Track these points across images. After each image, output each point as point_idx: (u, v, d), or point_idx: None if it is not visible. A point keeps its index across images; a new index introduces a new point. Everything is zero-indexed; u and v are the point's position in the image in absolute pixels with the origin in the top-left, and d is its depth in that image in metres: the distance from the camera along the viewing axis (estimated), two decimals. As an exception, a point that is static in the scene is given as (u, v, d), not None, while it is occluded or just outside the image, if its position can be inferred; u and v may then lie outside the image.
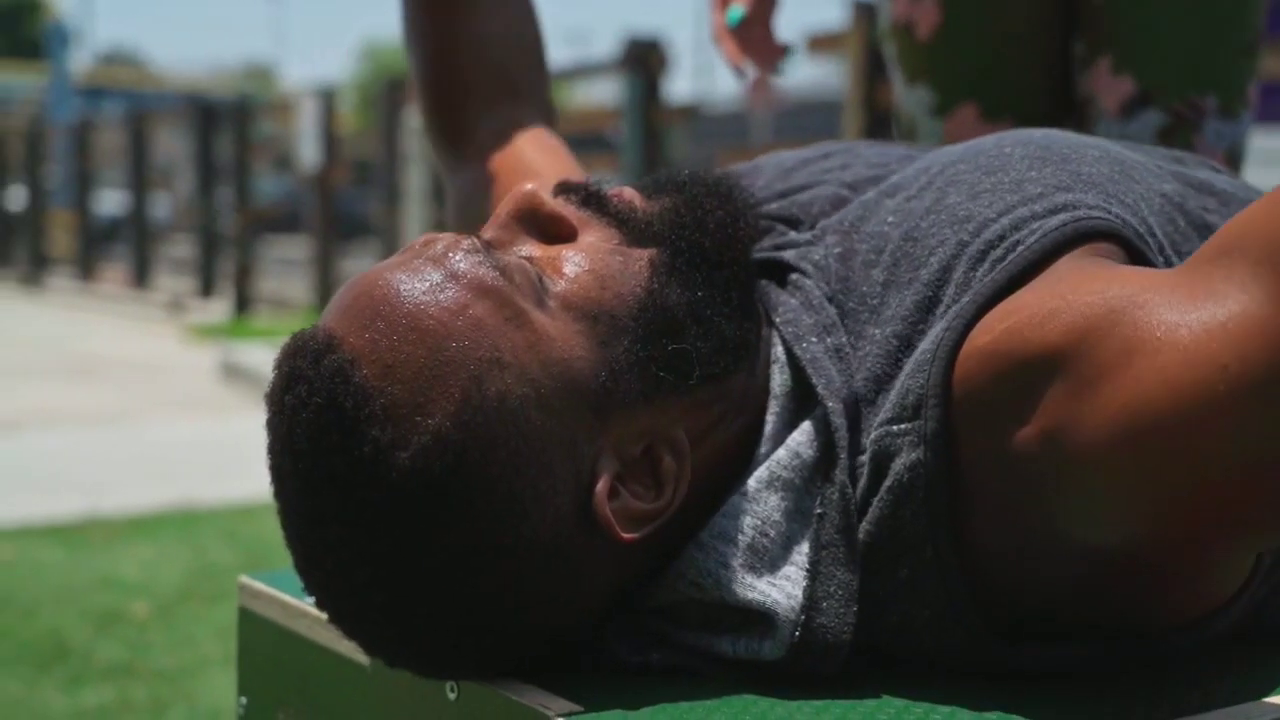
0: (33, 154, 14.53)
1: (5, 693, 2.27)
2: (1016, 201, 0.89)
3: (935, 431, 0.81)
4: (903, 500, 0.82)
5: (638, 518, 0.82)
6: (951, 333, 0.82)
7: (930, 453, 0.81)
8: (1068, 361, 0.77)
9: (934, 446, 0.81)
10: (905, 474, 0.82)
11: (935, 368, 0.82)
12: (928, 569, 0.82)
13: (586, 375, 0.82)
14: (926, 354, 0.83)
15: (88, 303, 12.03)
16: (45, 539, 3.38)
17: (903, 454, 0.82)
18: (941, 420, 0.81)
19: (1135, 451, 0.75)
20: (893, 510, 0.82)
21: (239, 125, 10.57)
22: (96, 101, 26.80)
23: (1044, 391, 0.78)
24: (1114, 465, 0.76)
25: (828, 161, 1.05)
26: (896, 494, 0.82)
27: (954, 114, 1.48)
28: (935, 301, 0.86)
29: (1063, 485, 0.78)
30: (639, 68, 6.65)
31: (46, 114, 20.33)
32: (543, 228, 0.88)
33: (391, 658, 0.84)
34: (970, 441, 0.81)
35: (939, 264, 0.88)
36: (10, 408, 5.73)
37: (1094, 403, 0.76)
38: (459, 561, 0.78)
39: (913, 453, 0.81)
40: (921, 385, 0.82)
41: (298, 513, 0.81)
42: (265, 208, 11.07)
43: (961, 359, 0.81)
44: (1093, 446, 0.76)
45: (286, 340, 0.83)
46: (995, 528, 0.81)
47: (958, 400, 0.81)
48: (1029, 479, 0.79)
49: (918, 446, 0.81)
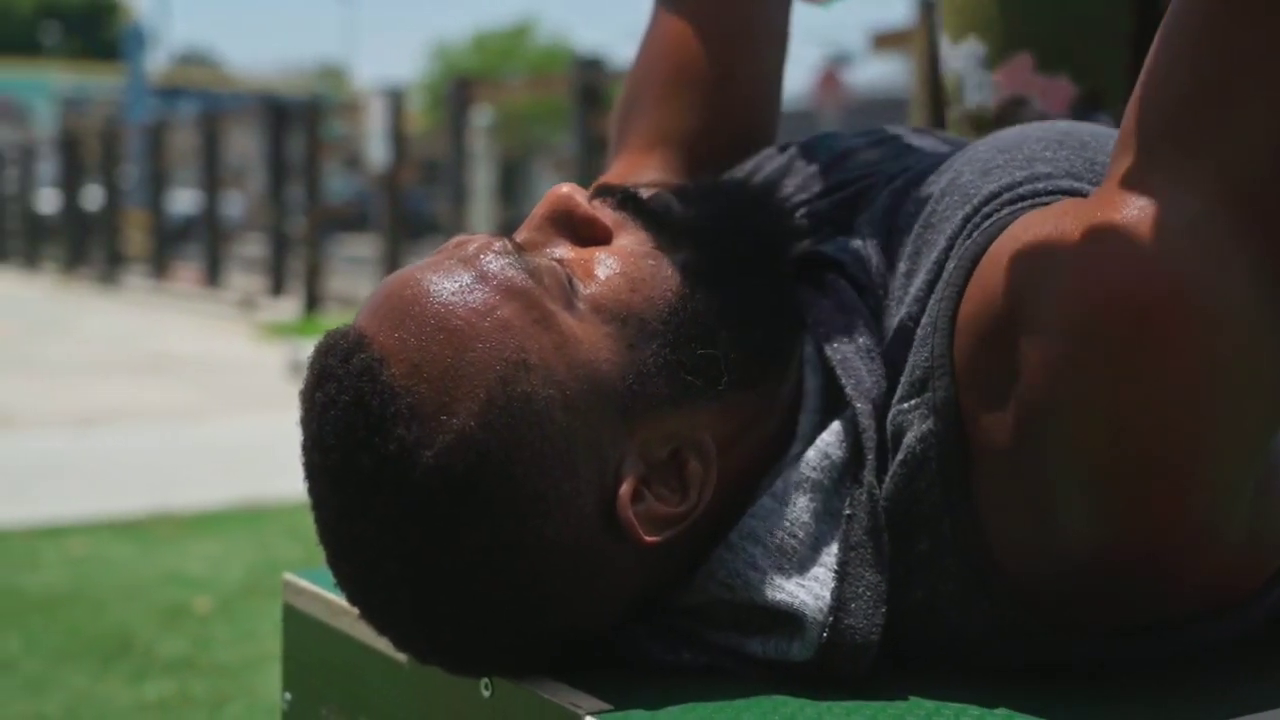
0: (108, 154, 14.75)
1: (71, 686, 2.31)
2: (1024, 178, 0.88)
3: (944, 400, 0.81)
4: (916, 473, 0.82)
5: (661, 521, 0.83)
6: (946, 302, 0.83)
7: (940, 423, 0.81)
8: (1031, 300, 0.78)
9: (943, 416, 0.81)
10: (916, 446, 0.82)
11: (936, 339, 0.82)
12: (946, 541, 0.82)
13: (613, 378, 0.82)
14: (926, 328, 0.84)
15: (161, 301, 12.20)
16: (115, 535, 3.44)
17: (914, 427, 0.82)
18: (949, 388, 0.81)
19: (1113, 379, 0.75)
20: (907, 484, 0.82)
21: (309, 125, 10.68)
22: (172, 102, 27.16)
23: (1017, 338, 0.78)
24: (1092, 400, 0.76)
25: (876, 152, 1.04)
26: (910, 467, 0.82)
27: (1007, 63, 1.38)
28: (940, 280, 0.87)
29: (1048, 441, 0.78)
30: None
31: (123, 115, 20.63)
32: (577, 230, 0.89)
33: (420, 654, 0.85)
34: (974, 409, 0.80)
35: (945, 243, 0.88)
36: (84, 405, 5.82)
37: (1061, 338, 0.76)
38: (482, 560, 0.79)
39: (923, 424, 0.82)
40: (926, 359, 0.82)
41: (327, 508, 0.82)
42: (335, 207, 11.16)
43: (958, 331, 0.82)
44: (1064, 384, 0.76)
45: (321, 337, 0.84)
46: (1009, 496, 0.80)
47: (959, 369, 0.81)
48: (1026, 440, 0.79)
49: (927, 418, 0.82)
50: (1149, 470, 0.76)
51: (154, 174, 14.00)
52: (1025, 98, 1.39)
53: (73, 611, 2.73)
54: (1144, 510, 0.77)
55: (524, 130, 17.91)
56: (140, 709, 2.24)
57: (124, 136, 15.39)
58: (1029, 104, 1.39)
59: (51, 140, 17.72)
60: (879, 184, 0.99)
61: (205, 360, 7.53)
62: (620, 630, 0.86)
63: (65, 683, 2.32)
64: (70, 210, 15.92)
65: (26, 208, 17.87)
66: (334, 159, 12.60)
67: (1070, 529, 0.79)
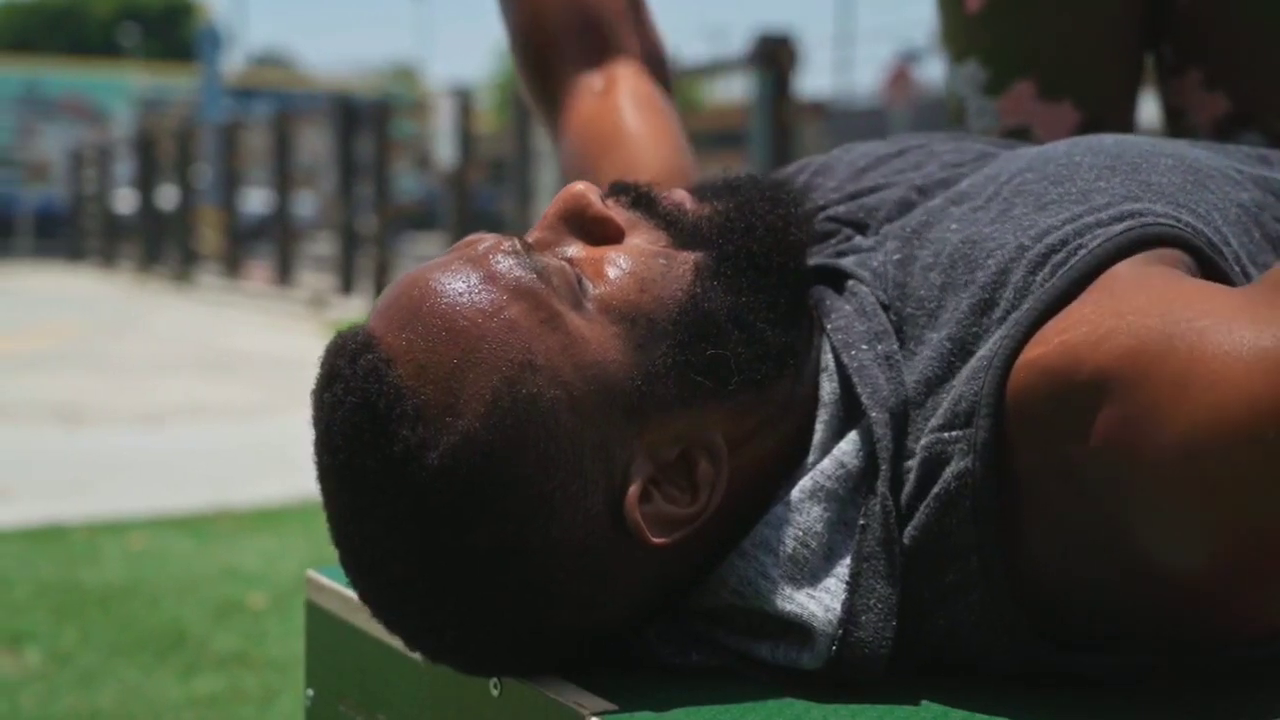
0: (183, 154, 14.95)
1: (124, 680, 2.34)
2: (1082, 211, 0.87)
3: (985, 441, 0.80)
4: (949, 509, 0.81)
5: (670, 522, 0.82)
6: (1009, 340, 0.81)
7: (979, 462, 0.80)
8: (1122, 387, 0.76)
9: (983, 457, 0.80)
10: (953, 482, 0.81)
11: (990, 376, 0.80)
12: (973, 577, 0.81)
13: (621, 379, 0.82)
14: (984, 361, 0.82)
15: (233, 299, 12.34)
16: (175, 530, 3.48)
17: (953, 462, 0.81)
18: (992, 430, 0.80)
19: (1185, 488, 0.74)
20: (938, 518, 0.81)
21: (379, 125, 10.76)
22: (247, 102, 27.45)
23: (1096, 415, 0.76)
24: (1163, 500, 0.75)
25: (901, 160, 1.03)
26: (943, 501, 0.81)
27: (1008, 91, 1.37)
28: (991, 304, 0.85)
29: (1113, 511, 0.77)
30: (769, 64, 6.63)
31: (198, 115, 20.89)
32: (589, 229, 0.88)
33: (430, 653, 0.85)
34: (1021, 454, 0.79)
35: (996, 266, 0.86)
36: (154, 402, 5.90)
37: (1148, 433, 0.74)
38: (489, 561, 0.79)
39: (962, 461, 0.80)
40: (975, 393, 0.81)
41: (337, 508, 0.83)
42: (404, 206, 11.25)
43: (1017, 369, 0.80)
44: (1144, 479, 0.75)
45: (332, 337, 0.85)
46: (1043, 539, 0.80)
47: (1011, 411, 0.80)
48: (1079, 499, 0.78)
49: (967, 455, 0.80)
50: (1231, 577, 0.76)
51: (227, 174, 14.17)
52: (1026, 126, 1.38)
53: (129, 605, 2.77)
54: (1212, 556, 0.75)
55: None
56: (191, 703, 2.27)
57: (198, 137, 15.59)
58: (1030, 132, 1.37)
59: (128, 141, 17.98)
60: (903, 190, 0.98)
61: (274, 358, 7.61)
62: (630, 631, 0.85)
63: (118, 676, 2.35)
64: (146, 209, 16.14)
65: (104, 207, 18.15)
66: (405, 158, 12.68)
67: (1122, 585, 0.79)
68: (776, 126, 6.66)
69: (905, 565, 0.82)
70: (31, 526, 3.48)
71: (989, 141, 1.08)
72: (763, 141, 6.66)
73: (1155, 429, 0.74)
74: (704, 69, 8.73)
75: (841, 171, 1.04)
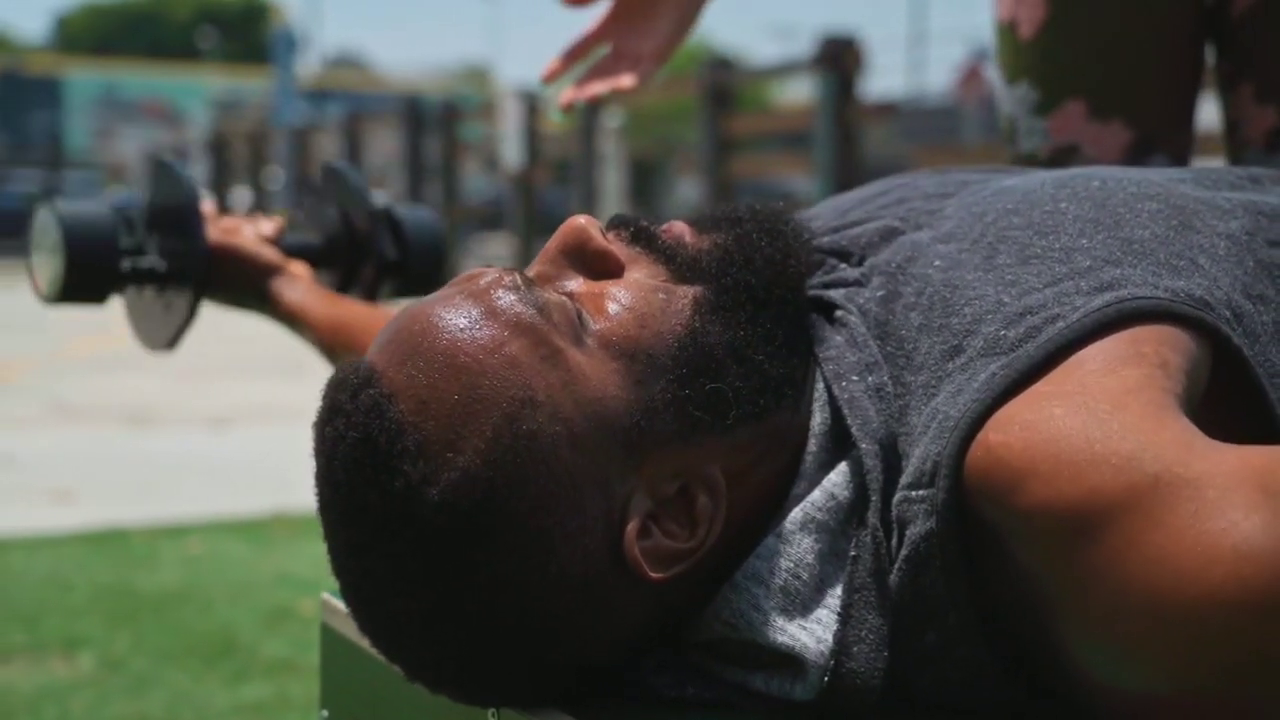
0: (256, 156, 15.13)
1: (172, 685, 2.38)
2: (1064, 274, 0.87)
3: (946, 503, 0.79)
4: (920, 570, 0.81)
5: (669, 557, 0.83)
6: (976, 405, 0.80)
7: (941, 523, 0.80)
8: (1081, 527, 0.75)
9: (945, 517, 0.79)
10: (921, 544, 0.80)
11: (951, 439, 0.80)
12: (954, 635, 0.81)
13: (620, 414, 0.82)
14: (950, 421, 0.81)
15: (304, 300, 12.45)
16: (232, 534, 3.52)
17: (917, 522, 0.81)
18: (951, 492, 0.79)
19: (1130, 652, 0.73)
20: (912, 579, 0.81)
21: (447, 127, 10.84)
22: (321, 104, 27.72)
23: (1050, 544, 0.76)
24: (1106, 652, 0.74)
25: (885, 198, 1.03)
26: (914, 563, 0.81)
27: (1059, 111, 1.38)
28: (958, 351, 0.85)
29: (1052, 626, 0.77)
30: (834, 66, 6.61)
31: (272, 117, 21.12)
32: (589, 263, 0.89)
33: (429, 684, 0.86)
34: (979, 528, 0.79)
35: (972, 315, 0.86)
36: (222, 404, 5.97)
37: (1099, 581, 0.74)
38: (488, 595, 0.80)
39: (926, 522, 0.80)
40: (939, 453, 0.80)
41: (337, 542, 0.84)
42: (471, 206, 11.32)
43: (977, 445, 0.79)
44: (1088, 626, 0.75)
45: (334, 371, 0.86)
46: (1007, 599, 0.80)
47: (969, 486, 0.79)
48: (1029, 601, 0.78)
49: (930, 516, 0.80)
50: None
51: (299, 176, 14.32)
52: (1076, 145, 1.39)
53: (182, 611, 2.81)
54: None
55: (661, 130, 17.94)
56: (237, 710, 2.30)
57: (271, 139, 15.76)
58: (1079, 151, 1.38)
59: (202, 143, 18.21)
60: (884, 218, 0.98)
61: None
62: (627, 663, 0.86)
63: (168, 682, 2.39)
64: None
65: (179, 208, 18.36)
66: (474, 160, 12.77)
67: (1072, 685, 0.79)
68: (841, 128, 6.64)
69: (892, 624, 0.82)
70: (92, 530, 3.54)
71: (973, 170, 1.08)
72: (827, 143, 6.64)
73: (1109, 581, 0.73)
74: (769, 71, 8.72)
75: (827, 214, 1.05)
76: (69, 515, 3.71)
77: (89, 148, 29.79)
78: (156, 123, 29.60)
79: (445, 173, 10.73)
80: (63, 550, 3.32)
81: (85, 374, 6.93)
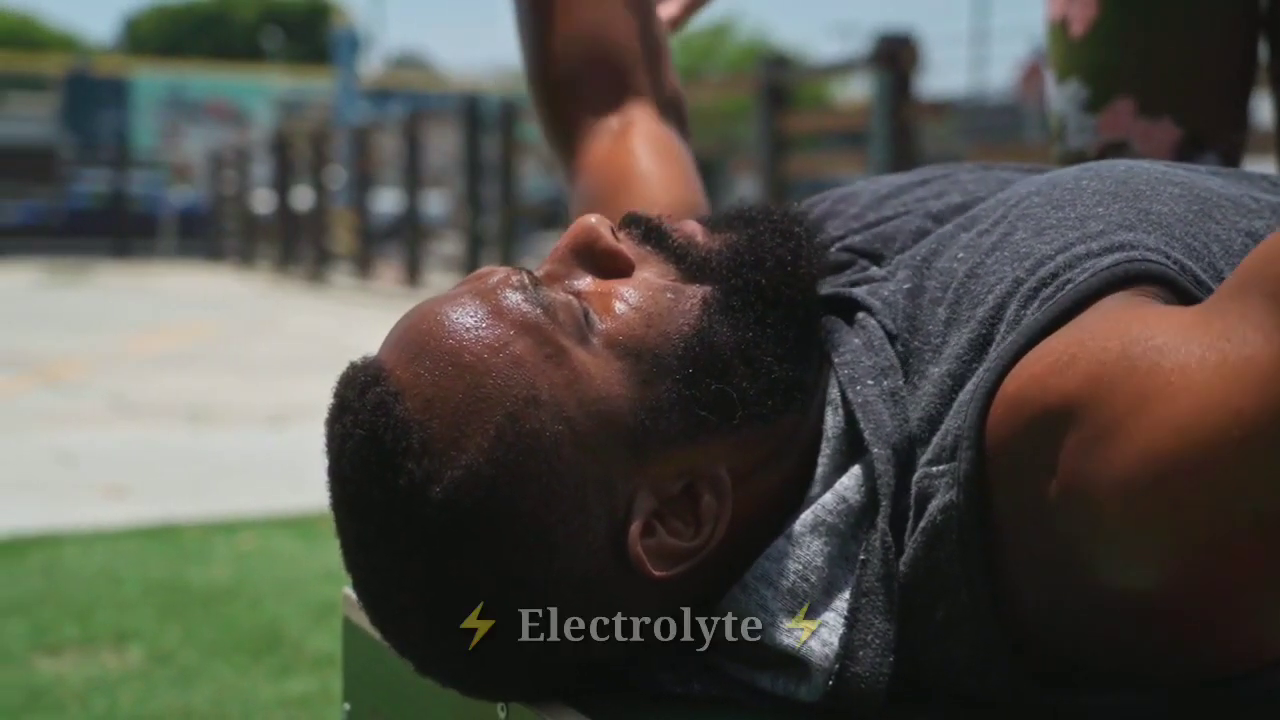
0: (317, 156, 15.24)
1: (218, 679, 2.41)
2: (1076, 239, 0.87)
3: (968, 474, 0.80)
4: (936, 543, 0.81)
5: (672, 555, 0.83)
6: (990, 374, 0.81)
7: (963, 495, 0.80)
8: (1084, 410, 0.76)
9: (966, 489, 0.80)
10: (939, 516, 0.81)
11: (971, 409, 0.81)
12: (964, 612, 0.81)
13: (625, 414, 0.83)
14: (967, 394, 0.82)
15: (364, 299, 12.56)
16: (283, 530, 3.56)
17: (938, 495, 0.81)
18: (974, 463, 0.80)
19: (1151, 502, 0.73)
20: (926, 552, 0.82)
21: (504, 126, 10.88)
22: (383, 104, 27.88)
23: (1062, 441, 0.76)
24: (1131, 517, 0.74)
25: (924, 189, 1.03)
26: (930, 536, 0.81)
27: (1109, 108, 1.39)
28: (989, 340, 0.85)
29: (1084, 536, 0.76)
30: (889, 64, 6.58)
31: (334, 117, 21.28)
32: (599, 262, 0.89)
33: (438, 679, 0.87)
34: (1001, 487, 0.80)
35: (995, 301, 0.86)
36: (280, 402, 6.02)
37: (1110, 453, 0.74)
38: (493, 593, 0.81)
39: (947, 494, 0.81)
40: (959, 427, 0.81)
41: (346, 536, 0.85)
42: (528, 206, 11.36)
43: (995, 403, 0.80)
44: (1110, 498, 0.74)
45: (345, 368, 0.87)
46: (1029, 573, 0.80)
47: (990, 445, 0.80)
48: (1054, 530, 0.78)
49: (952, 488, 0.81)
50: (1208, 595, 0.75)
51: (359, 175, 14.42)
52: (1125, 141, 1.39)
53: (231, 606, 2.84)
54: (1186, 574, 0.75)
55: (718, 129, 17.93)
56: (283, 704, 2.33)
57: (332, 139, 15.88)
58: (1129, 147, 1.38)
59: (265, 143, 18.38)
60: (918, 219, 0.98)
61: (397, 358, 7.69)
62: (633, 659, 0.87)
63: (215, 675, 2.42)
64: (282, 210, 16.49)
65: (243, 208, 18.58)
66: (532, 158, 12.81)
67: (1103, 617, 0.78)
68: (897, 126, 6.61)
69: (901, 601, 0.83)
70: (146, 525, 3.59)
71: (1014, 168, 1.07)
72: (882, 141, 6.62)
73: (1118, 446, 0.74)
74: (826, 69, 8.69)
75: (864, 198, 1.04)
76: (123, 511, 3.76)
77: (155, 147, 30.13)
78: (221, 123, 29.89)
79: (503, 171, 10.76)
80: (117, 545, 3.37)
81: (146, 372, 7.02)
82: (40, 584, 3.01)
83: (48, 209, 24.46)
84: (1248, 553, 0.72)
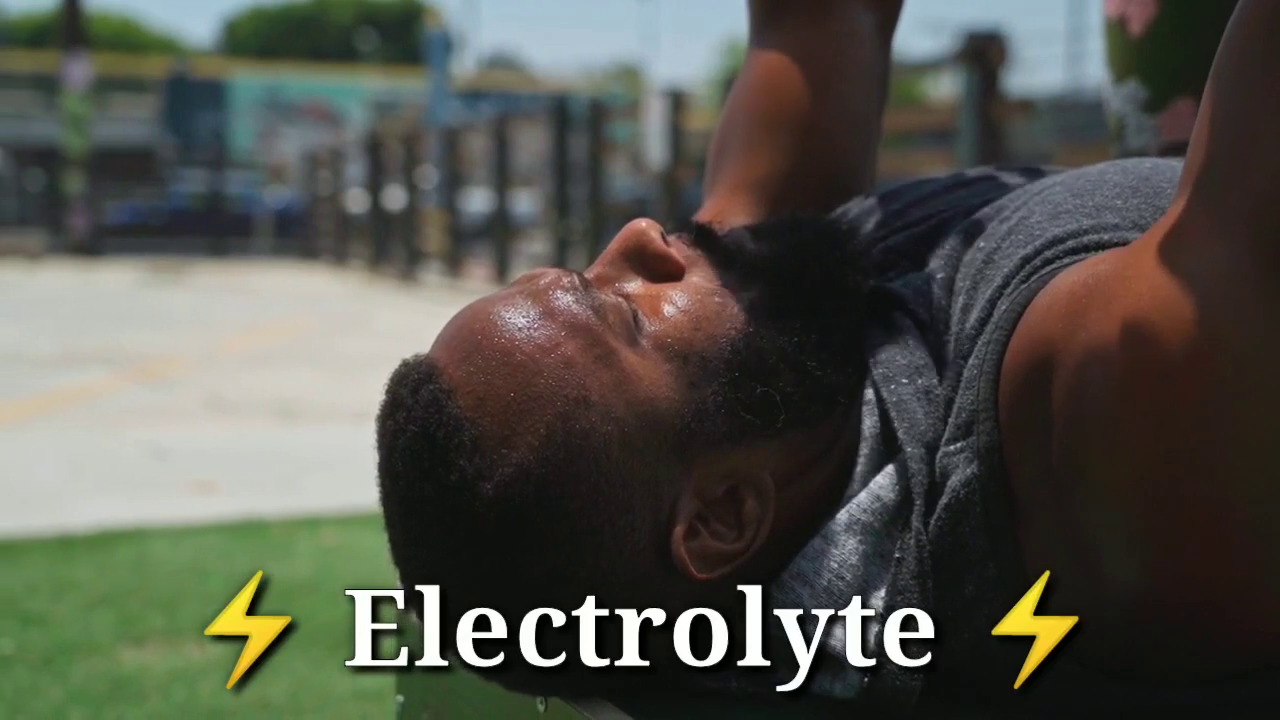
0: (409, 156, 15.39)
1: (294, 672, 2.44)
2: (1089, 227, 0.87)
3: (986, 445, 0.81)
4: (960, 517, 0.82)
5: (715, 558, 0.84)
6: (994, 345, 0.83)
7: (983, 468, 0.81)
8: (1065, 350, 0.78)
9: (986, 461, 0.81)
10: (961, 490, 0.82)
11: (982, 383, 0.82)
12: (993, 586, 0.82)
13: (671, 416, 0.84)
14: (974, 369, 0.84)
15: (454, 298, 12.66)
16: (365, 526, 3.59)
17: (958, 471, 0.82)
18: (992, 434, 0.81)
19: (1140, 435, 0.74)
20: (952, 527, 0.83)
21: (593, 126, 10.92)
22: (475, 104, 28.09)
23: (1051, 389, 0.78)
24: (1121, 456, 0.75)
25: (968, 190, 1.03)
26: (954, 511, 0.82)
27: (1169, 108, 1.37)
28: (990, 319, 0.87)
29: (1083, 491, 0.77)
30: (977, 61, 6.53)
31: (427, 118, 21.47)
32: (649, 266, 0.91)
33: (480, 672, 0.89)
34: (1017, 455, 0.80)
35: (1001, 280, 0.88)
36: (368, 399, 6.07)
37: (1089, 392, 0.76)
38: (538, 589, 0.83)
39: (967, 469, 0.82)
40: (972, 402, 0.83)
41: (396, 532, 0.87)
42: (615, 205, 11.39)
43: (1002, 375, 0.82)
44: (1095, 439, 0.76)
45: (398, 365, 0.89)
46: (1052, 541, 0.80)
47: (1003, 415, 0.81)
48: (1064, 489, 0.78)
49: (971, 462, 0.82)
50: (1187, 519, 0.75)
51: (450, 175, 14.55)
52: (1186, 142, 1.37)
53: (310, 600, 2.88)
54: (1184, 558, 0.76)
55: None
56: (357, 697, 2.36)
57: (424, 139, 16.02)
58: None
59: (359, 143, 18.60)
60: (957, 217, 0.98)
61: (484, 356, 7.76)
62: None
63: (292, 668, 2.45)
64: (375, 210, 16.67)
65: (337, 208, 18.81)
66: (621, 158, 12.85)
67: (1114, 577, 0.78)
68: (985, 124, 6.55)
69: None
70: (233, 520, 3.65)
71: (1058, 170, 1.07)
72: (970, 139, 6.56)
73: (1098, 384, 0.76)
74: (913, 66, 8.62)
75: (908, 194, 1.05)
76: (211, 506, 3.83)
77: (252, 148, 30.59)
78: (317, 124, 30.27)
79: (592, 171, 10.81)
80: (203, 539, 3.44)
81: (240, 369, 7.13)
82: (128, 576, 3.07)
83: (149, 209, 24.93)
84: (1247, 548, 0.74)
